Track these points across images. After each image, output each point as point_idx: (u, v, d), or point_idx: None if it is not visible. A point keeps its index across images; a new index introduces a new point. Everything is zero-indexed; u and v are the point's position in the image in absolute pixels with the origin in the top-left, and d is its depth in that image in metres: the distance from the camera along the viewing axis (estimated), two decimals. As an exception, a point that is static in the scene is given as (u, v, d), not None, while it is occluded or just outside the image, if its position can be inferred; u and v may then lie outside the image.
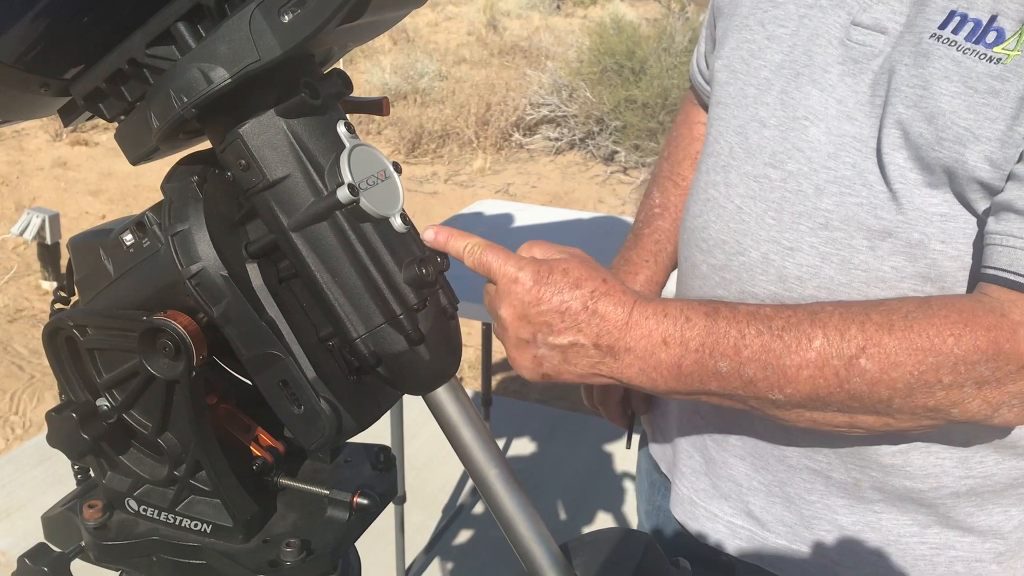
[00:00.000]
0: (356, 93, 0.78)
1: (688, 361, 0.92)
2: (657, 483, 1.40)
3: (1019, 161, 0.91)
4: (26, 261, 5.53)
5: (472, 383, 4.25)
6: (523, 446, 3.75)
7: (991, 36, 0.93)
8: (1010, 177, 0.91)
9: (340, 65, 0.80)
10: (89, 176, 7.16)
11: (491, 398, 3.47)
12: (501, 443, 3.73)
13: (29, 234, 4.90)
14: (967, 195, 0.95)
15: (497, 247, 0.93)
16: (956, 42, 0.94)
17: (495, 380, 4.36)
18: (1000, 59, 0.92)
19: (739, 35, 1.16)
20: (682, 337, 0.92)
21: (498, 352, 4.61)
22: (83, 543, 0.84)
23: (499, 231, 2.98)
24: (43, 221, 4.88)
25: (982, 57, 0.92)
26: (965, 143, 0.92)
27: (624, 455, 3.66)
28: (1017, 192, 0.90)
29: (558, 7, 14.31)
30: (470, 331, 4.38)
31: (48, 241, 4.98)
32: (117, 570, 0.87)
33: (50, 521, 0.88)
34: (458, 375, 0.76)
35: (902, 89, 0.97)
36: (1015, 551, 1.12)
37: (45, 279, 5.21)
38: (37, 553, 0.81)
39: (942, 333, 0.88)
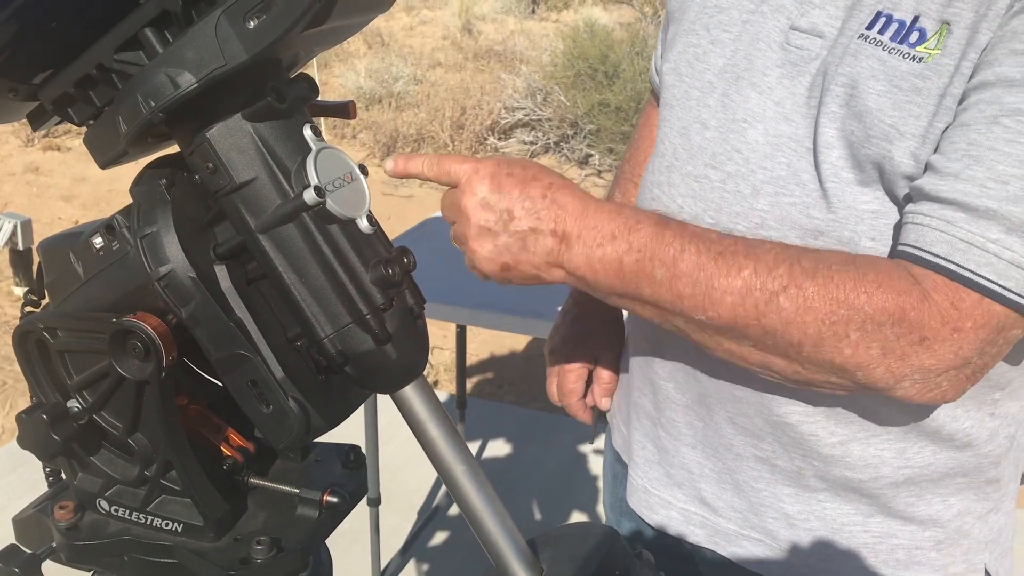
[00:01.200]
0: (331, 97, 0.79)
1: (629, 260, 0.96)
2: (620, 475, 1.43)
3: (935, 152, 0.94)
4: (-2, 267, 5.48)
5: (447, 386, 4.26)
6: (498, 447, 3.76)
7: (914, 36, 0.97)
8: (927, 166, 0.95)
9: (313, 69, 0.81)
10: (62, 181, 7.11)
11: (466, 400, 3.48)
12: (476, 445, 3.74)
13: (1, 240, 4.86)
14: (895, 191, 0.98)
15: (454, 154, 0.98)
16: (882, 42, 0.98)
17: (470, 383, 4.36)
18: (922, 58, 0.96)
19: (686, 39, 1.20)
20: (629, 236, 0.96)
21: (473, 355, 4.62)
22: (54, 544, 0.84)
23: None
24: (15, 227, 4.85)
25: (906, 56, 0.96)
26: (891, 140, 0.96)
27: (598, 455, 3.68)
28: (927, 177, 0.94)
29: (533, 11, 14.35)
30: (446, 334, 4.39)
31: (20, 247, 4.94)
32: (89, 570, 0.87)
33: (21, 523, 0.89)
34: (434, 378, 0.78)
35: (833, 88, 1.00)
36: (953, 538, 1.15)
37: (17, 285, 5.17)
38: (8, 554, 0.82)
39: (857, 289, 0.91)
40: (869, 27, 1.00)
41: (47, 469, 0.91)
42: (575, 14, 12.88)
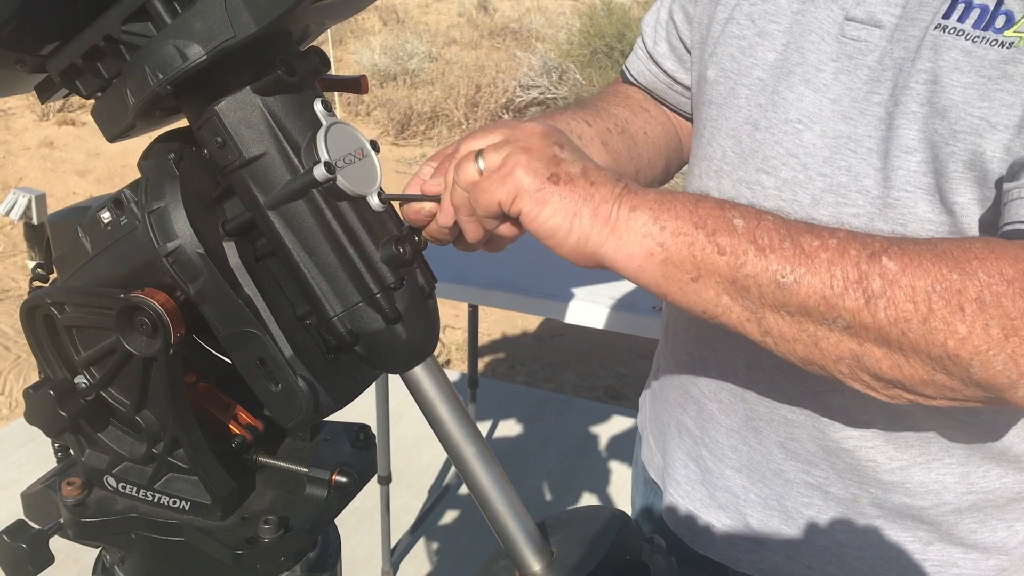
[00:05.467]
0: (346, 73, 0.77)
1: (706, 205, 0.82)
2: (651, 482, 1.37)
3: None
4: (12, 241, 5.51)
5: (459, 365, 4.25)
6: (509, 427, 3.76)
7: (1000, 20, 0.89)
8: None
9: (328, 46, 0.80)
10: (76, 156, 7.12)
11: (478, 380, 3.47)
12: (487, 425, 3.74)
13: (15, 214, 4.88)
14: (976, 194, 0.90)
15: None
16: (964, 31, 0.90)
17: (482, 362, 4.36)
18: (1012, 43, 0.88)
19: (726, 30, 1.11)
20: (699, 197, 0.84)
21: (485, 335, 4.61)
22: (62, 520, 0.84)
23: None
24: (29, 201, 4.86)
25: (993, 43, 0.89)
26: (982, 133, 0.88)
27: (610, 437, 3.68)
28: None
29: (549, -11, 14.26)
30: (458, 313, 4.38)
31: (35, 221, 4.95)
32: (96, 547, 0.87)
33: (29, 498, 0.89)
34: (446, 357, 0.76)
35: (911, 86, 0.93)
36: (1018, 565, 1.10)
37: (31, 259, 5.19)
38: (16, 529, 0.81)
39: (967, 254, 0.77)
40: (946, 16, 0.92)
41: (56, 445, 0.90)
42: (592, -8, 12.81)
